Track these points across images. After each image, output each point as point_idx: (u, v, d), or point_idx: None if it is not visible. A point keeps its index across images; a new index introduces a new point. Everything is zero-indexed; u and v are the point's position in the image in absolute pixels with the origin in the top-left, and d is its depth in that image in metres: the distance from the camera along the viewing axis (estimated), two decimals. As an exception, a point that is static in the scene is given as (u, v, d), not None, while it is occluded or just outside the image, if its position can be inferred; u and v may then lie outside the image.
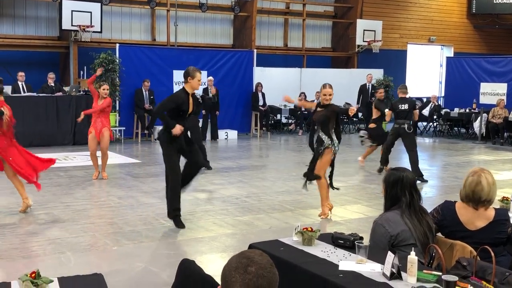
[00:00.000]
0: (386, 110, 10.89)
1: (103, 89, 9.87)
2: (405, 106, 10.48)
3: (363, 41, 20.65)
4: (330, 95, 7.13)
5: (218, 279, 2.87)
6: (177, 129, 6.69)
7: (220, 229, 6.92)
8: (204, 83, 16.37)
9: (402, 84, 11.95)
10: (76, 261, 5.63)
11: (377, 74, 19.08)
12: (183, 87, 6.91)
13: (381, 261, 3.28)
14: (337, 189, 7.63)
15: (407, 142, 10.55)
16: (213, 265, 5.54)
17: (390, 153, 11.02)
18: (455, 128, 18.56)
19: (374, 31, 20.82)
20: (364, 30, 20.64)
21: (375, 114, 11.49)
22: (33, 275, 2.99)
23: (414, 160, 10.32)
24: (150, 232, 6.73)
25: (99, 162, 9.93)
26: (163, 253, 5.97)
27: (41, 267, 3.20)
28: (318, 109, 7.34)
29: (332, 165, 7.41)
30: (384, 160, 10.97)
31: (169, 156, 6.88)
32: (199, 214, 7.62)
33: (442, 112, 18.35)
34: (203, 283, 3.00)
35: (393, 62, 21.48)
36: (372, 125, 11.54)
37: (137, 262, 5.67)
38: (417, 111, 11.44)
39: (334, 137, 7.19)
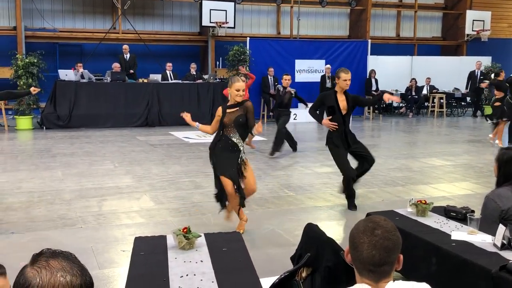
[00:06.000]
0: None
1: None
2: None
3: (472, 30, 19.49)
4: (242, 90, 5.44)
5: (338, 243, 2.87)
6: None
7: (337, 200, 6.87)
8: (322, 71, 16.35)
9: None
10: (215, 221, 5.86)
11: (486, 61, 17.96)
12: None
13: (492, 233, 3.12)
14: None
15: None
16: (332, 230, 5.54)
17: None
18: None
19: (483, 21, 19.57)
20: (473, 20, 19.48)
21: (498, 94, 11.55)
22: (185, 230, 3.14)
23: None
24: (276, 199, 6.84)
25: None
26: (287, 218, 6.04)
27: (186, 225, 3.35)
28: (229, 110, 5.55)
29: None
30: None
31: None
32: (318, 186, 7.63)
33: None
34: (326, 245, 2.99)
35: (501, 50, 20.03)
36: (497, 104, 11.45)
37: (265, 225, 5.80)
38: None
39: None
